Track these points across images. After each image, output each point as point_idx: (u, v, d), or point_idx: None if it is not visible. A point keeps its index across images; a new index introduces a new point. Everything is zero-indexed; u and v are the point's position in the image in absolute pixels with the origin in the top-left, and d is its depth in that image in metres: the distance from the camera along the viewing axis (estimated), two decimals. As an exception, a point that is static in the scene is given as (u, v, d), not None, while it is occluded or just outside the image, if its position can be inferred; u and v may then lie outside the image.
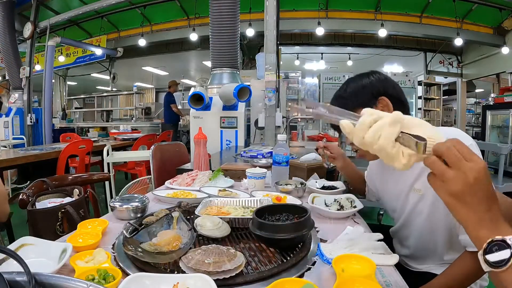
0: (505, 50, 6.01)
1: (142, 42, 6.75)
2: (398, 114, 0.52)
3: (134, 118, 7.42)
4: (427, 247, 0.99)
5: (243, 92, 2.82)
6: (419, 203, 0.96)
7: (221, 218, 0.88)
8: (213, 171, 1.56)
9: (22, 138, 5.24)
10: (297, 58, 7.68)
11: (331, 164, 1.38)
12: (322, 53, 7.58)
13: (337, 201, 1.15)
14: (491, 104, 4.65)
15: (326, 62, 7.82)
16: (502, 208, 0.50)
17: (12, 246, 0.71)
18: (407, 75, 6.92)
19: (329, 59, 7.77)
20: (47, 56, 5.57)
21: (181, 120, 6.54)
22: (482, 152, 3.58)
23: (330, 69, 8.12)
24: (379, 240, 0.85)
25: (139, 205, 1.02)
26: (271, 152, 1.98)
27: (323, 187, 1.38)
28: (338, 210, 1.09)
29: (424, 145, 0.48)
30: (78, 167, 3.57)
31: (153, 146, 2.02)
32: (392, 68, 8.16)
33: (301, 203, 1.13)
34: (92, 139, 4.02)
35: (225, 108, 3.11)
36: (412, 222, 1.01)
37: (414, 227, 1.01)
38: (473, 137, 4.95)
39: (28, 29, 5.67)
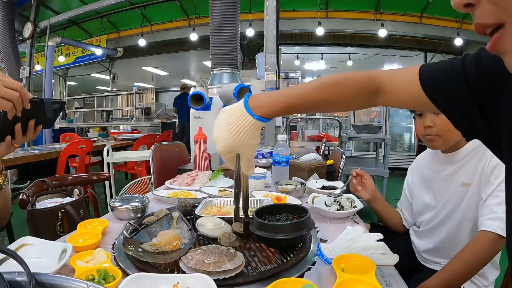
0: (505, 50, 6.00)
1: (142, 42, 6.75)
2: None
3: (134, 118, 7.40)
4: (456, 239, 1.06)
5: (243, 92, 2.81)
6: (466, 196, 1.03)
7: (221, 218, 0.88)
8: (213, 171, 1.56)
9: (22, 138, 5.22)
10: (297, 58, 7.67)
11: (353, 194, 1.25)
12: (322, 53, 7.56)
13: (337, 201, 1.15)
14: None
15: (326, 62, 7.80)
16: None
17: (12, 246, 0.71)
18: (407, 75, 6.90)
19: (329, 59, 7.75)
20: (47, 56, 5.57)
21: None
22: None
23: (330, 69, 8.11)
24: (379, 240, 0.85)
25: (139, 205, 1.02)
26: (271, 152, 1.98)
27: (323, 187, 1.38)
28: (338, 210, 1.09)
29: None
30: (78, 167, 3.57)
31: (153, 146, 2.02)
32: (392, 68, 8.13)
33: (301, 203, 1.13)
34: (92, 139, 4.02)
35: (225, 108, 3.10)
36: (453, 216, 1.07)
37: (452, 221, 1.07)
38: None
39: (28, 29, 5.67)
